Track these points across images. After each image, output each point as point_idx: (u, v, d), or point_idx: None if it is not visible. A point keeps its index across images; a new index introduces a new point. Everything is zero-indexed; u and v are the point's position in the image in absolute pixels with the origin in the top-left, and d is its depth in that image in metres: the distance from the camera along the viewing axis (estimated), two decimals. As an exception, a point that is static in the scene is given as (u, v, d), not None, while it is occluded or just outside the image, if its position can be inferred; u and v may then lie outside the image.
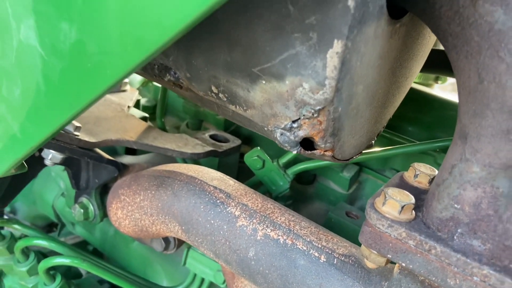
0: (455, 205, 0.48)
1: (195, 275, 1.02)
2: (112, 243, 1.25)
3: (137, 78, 1.44)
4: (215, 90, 0.58)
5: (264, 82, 0.51)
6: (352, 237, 0.73)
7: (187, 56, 0.56)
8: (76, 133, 0.84)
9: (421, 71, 0.84)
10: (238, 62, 0.51)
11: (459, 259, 0.47)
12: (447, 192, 0.49)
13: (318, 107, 0.49)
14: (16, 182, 0.89)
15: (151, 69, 0.62)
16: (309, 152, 0.57)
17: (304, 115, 0.51)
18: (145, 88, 1.53)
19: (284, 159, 0.89)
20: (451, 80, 1.45)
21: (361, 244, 0.87)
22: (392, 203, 0.51)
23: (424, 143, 0.79)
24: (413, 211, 0.53)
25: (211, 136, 1.07)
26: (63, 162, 0.92)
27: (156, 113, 1.23)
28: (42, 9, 0.41)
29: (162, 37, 0.36)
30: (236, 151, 1.07)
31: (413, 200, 0.52)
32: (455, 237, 0.49)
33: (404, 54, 0.60)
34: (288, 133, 0.54)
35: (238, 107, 0.58)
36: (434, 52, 0.80)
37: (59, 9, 0.39)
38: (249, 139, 1.23)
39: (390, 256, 0.52)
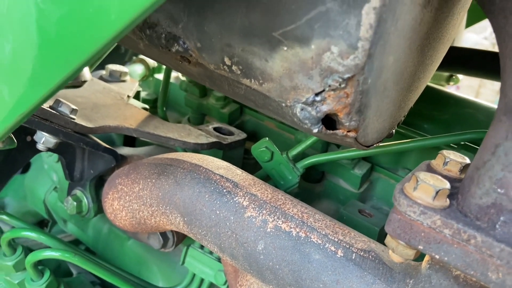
0: (498, 190, 0.43)
1: (193, 275, 0.95)
2: (106, 242, 1.18)
3: (137, 71, 1.39)
4: (228, 62, 0.53)
5: (285, 48, 0.46)
6: (366, 236, 0.66)
7: (198, 22, 0.51)
8: (72, 116, 0.78)
9: (438, 69, 0.81)
10: (256, 26, 0.46)
11: (503, 250, 0.41)
12: (489, 175, 0.43)
13: (346, 75, 0.43)
14: (5, 168, 0.83)
15: (157, 38, 0.56)
16: (331, 131, 0.51)
17: (329, 86, 0.45)
18: (145, 83, 1.47)
19: (294, 151, 0.83)
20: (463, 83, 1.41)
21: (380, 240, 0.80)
22: (425, 188, 0.46)
23: (447, 135, 0.74)
24: (447, 198, 0.47)
25: (215, 129, 1.02)
26: (57, 149, 0.85)
27: (157, 105, 1.18)
28: None
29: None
30: (241, 145, 1.02)
31: (448, 185, 0.47)
32: (497, 226, 0.43)
33: (434, 32, 0.56)
34: (309, 108, 0.49)
35: (253, 80, 0.52)
36: (450, 50, 0.76)
37: None
38: (254, 136, 1.18)
39: (421, 248, 0.46)
